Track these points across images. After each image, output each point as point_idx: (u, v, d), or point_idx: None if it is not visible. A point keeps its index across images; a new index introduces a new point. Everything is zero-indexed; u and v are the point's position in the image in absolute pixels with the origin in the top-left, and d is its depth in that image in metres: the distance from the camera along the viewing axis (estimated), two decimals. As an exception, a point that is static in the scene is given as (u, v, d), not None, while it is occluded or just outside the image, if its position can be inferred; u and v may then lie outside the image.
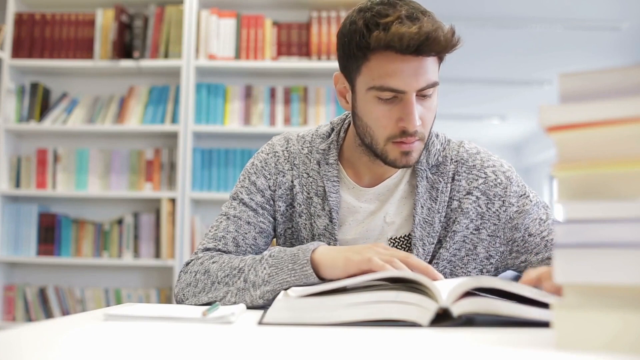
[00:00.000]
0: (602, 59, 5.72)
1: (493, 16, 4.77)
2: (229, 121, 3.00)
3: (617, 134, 0.59)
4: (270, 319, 0.81)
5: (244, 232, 1.18)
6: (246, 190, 1.22)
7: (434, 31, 1.02)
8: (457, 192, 1.17)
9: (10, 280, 3.06)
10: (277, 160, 1.23)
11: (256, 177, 1.22)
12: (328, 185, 1.18)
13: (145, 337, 0.70)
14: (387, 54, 1.04)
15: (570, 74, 0.62)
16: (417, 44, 1.02)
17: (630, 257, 0.57)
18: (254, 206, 1.20)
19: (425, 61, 1.05)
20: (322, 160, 1.21)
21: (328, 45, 2.97)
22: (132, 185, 3.03)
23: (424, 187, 1.17)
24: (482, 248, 1.16)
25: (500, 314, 0.79)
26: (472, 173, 1.18)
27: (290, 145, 1.25)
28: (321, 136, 1.25)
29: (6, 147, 3.01)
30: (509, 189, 1.17)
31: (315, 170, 1.21)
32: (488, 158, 1.21)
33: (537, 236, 1.16)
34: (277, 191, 1.21)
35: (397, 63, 1.04)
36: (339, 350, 0.63)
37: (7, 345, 0.63)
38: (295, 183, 1.21)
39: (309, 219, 1.19)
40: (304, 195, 1.20)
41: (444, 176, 1.17)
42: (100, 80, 3.15)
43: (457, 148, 1.21)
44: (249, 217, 1.19)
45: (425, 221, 1.15)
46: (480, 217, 1.16)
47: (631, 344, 0.56)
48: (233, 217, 1.19)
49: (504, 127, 8.86)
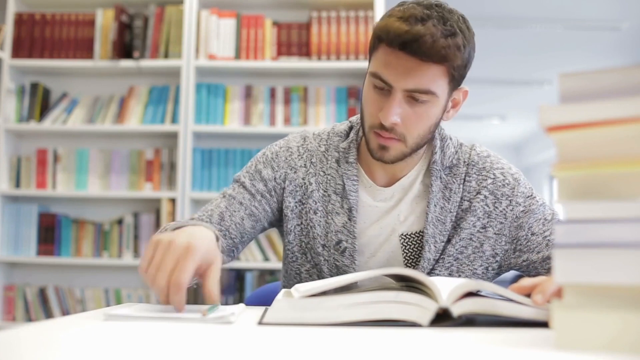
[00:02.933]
0: (602, 59, 5.72)
1: (493, 16, 4.77)
2: (229, 121, 3.00)
3: (617, 134, 0.59)
4: (270, 319, 0.81)
5: (233, 209, 1.20)
6: (250, 175, 1.24)
7: (424, 35, 1.03)
8: (468, 192, 1.20)
9: (10, 280, 3.06)
10: (289, 155, 1.25)
11: (263, 167, 1.25)
12: (348, 184, 1.20)
13: (145, 337, 0.70)
14: (387, 47, 1.07)
15: (570, 74, 0.62)
16: (402, 41, 1.04)
17: (630, 257, 0.57)
18: (253, 191, 1.22)
19: (421, 64, 1.05)
20: (342, 159, 1.23)
21: (328, 45, 2.97)
22: (132, 185, 3.03)
23: (438, 186, 1.19)
24: (488, 246, 1.19)
25: (500, 314, 0.79)
26: (481, 174, 1.21)
27: (307, 143, 1.27)
28: (339, 134, 1.27)
29: (6, 147, 3.01)
30: (516, 189, 1.20)
31: (334, 168, 1.23)
32: (497, 161, 1.24)
33: (539, 235, 1.17)
34: (288, 187, 1.23)
35: (391, 57, 1.07)
36: (339, 350, 0.63)
37: (7, 345, 0.63)
38: (312, 180, 1.23)
39: (325, 216, 1.21)
40: (320, 192, 1.22)
41: (456, 177, 1.20)
42: (100, 80, 3.15)
43: (469, 151, 1.24)
44: (243, 199, 1.21)
45: (438, 219, 1.18)
46: (488, 216, 1.19)
47: (631, 344, 0.56)
48: (229, 195, 1.23)
49: (504, 127, 8.86)
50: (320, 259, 1.21)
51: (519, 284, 0.85)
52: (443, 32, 1.04)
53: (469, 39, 1.10)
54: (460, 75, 1.12)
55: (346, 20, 2.99)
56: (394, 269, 1.13)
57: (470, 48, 1.10)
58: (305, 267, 1.23)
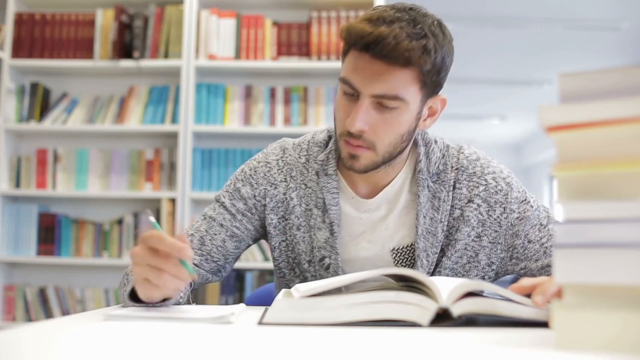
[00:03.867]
0: (602, 59, 5.72)
1: (493, 16, 4.77)
2: (229, 121, 3.00)
3: (617, 134, 0.59)
4: (270, 319, 0.81)
5: (213, 232, 1.17)
6: (229, 195, 1.21)
7: (387, 36, 0.99)
8: (459, 200, 1.15)
9: (10, 280, 3.06)
10: (268, 170, 1.20)
11: (242, 185, 1.20)
12: (328, 198, 1.15)
13: (145, 337, 0.70)
14: (355, 50, 1.04)
15: (570, 74, 0.62)
16: (364, 42, 1.00)
17: (630, 257, 0.57)
18: (233, 211, 1.19)
19: (387, 68, 1.01)
20: (321, 171, 1.18)
21: (328, 45, 2.97)
22: (132, 185, 3.03)
23: (426, 196, 1.14)
24: (484, 255, 1.15)
25: (500, 314, 0.79)
26: (472, 180, 1.16)
27: (286, 156, 1.22)
28: (318, 144, 1.21)
29: (6, 147, 3.01)
30: (509, 195, 1.16)
31: (314, 181, 1.18)
32: (488, 164, 1.18)
33: (536, 243, 1.14)
34: (269, 204, 1.19)
35: (359, 61, 1.03)
36: (339, 350, 0.63)
37: (7, 345, 0.63)
38: (292, 195, 1.18)
39: (308, 231, 1.17)
40: (302, 207, 1.18)
41: (445, 184, 1.15)
42: (100, 80, 3.15)
43: (456, 154, 1.19)
44: (224, 220, 1.18)
45: (428, 231, 1.13)
46: (482, 225, 1.15)
47: (631, 344, 0.56)
48: (209, 217, 1.19)
49: (504, 127, 8.86)
50: (307, 274, 1.18)
51: (519, 284, 0.85)
52: (409, 34, 1.00)
53: (442, 44, 1.04)
54: (433, 81, 1.06)
55: (346, 20, 2.98)
56: (394, 269, 1.12)
57: (444, 53, 1.04)
58: (294, 283, 1.19)
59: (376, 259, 1.16)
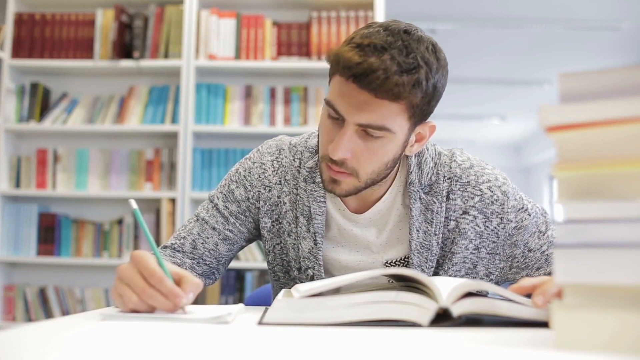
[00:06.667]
0: (602, 59, 5.73)
1: (493, 16, 4.77)
2: (229, 121, 3.00)
3: (617, 134, 0.59)
4: (270, 319, 0.81)
5: (205, 236, 1.16)
6: (223, 196, 1.19)
7: (377, 69, 0.93)
8: (453, 211, 1.11)
9: (10, 280, 3.06)
10: (263, 172, 1.17)
11: (235, 187, 1.18)
12: (314, 206, 1.12)
13: (145, 337, 0.70)
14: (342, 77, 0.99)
15: (570, 74, 0.62)
16: (352, 73, 0.95)
17: (630, 257, 0.57)
18: (226, 214, 1.17)
19: (374, 99, 0.96)
20: (309, 179, 1.14)
21: (328, 45, 2.97)
22: (132, 185, 3.03)
23: (418, 209, 1.10)
24: (482, 266, 1.13)
25: (500, 314, 0.79)
26: (467, 191, 1.12)
27: (282, 157, 1.18)
28: (310, 149, 1.18)
29: (6, 147, 3.01)
30: (506, 205, 1.12)
31: (302, 188, 1.14)
32: (482, 172, 1.14)
33: (537, 251, 1.13)
34: (263, 207, 1.16)
35: (345, 87, 0.98)
36: (339, 350, 0.63)
37: (7, 345, 0.63)
38: (285, 200, 1.15)
39: (297, 239, 1.14)
40: (292, 213, 1.15)
41: (437, 196, 1.11)
42: (100, 80, 3.15)
43: (448, 163, 1.14)
44: (217, 223, 1.17)
45: (422, 246, 1.10)
46: (479, 236, 1.12)
47: (630, 344, 0.56)
48: (202, 219, 1.18)
49: (504, 127, 8.86)
50: (297, 282, 1.15)
51: (519, 284, 0.85)
52: (400, 67, 0.94)
53: (436, 70, 0.99)
54: (423, 111, 1.02)
55: (346, 20, 2.99)
56: (394, 269, 1.12)
57: (436, 81, 0.99)
58: (289, 286, 1.17)
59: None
